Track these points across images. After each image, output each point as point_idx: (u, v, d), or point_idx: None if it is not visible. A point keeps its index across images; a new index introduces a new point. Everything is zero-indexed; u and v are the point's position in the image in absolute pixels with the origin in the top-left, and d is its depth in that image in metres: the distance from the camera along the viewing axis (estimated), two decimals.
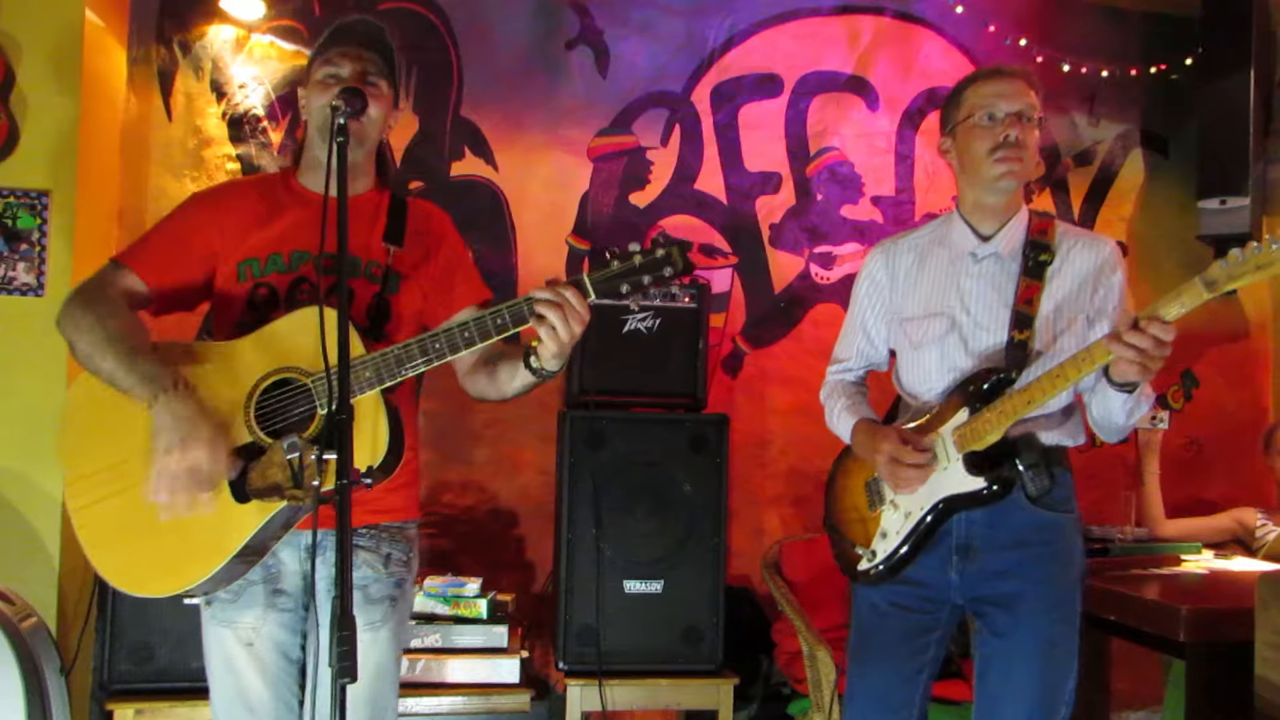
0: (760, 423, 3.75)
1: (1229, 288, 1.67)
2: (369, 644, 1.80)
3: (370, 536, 1.84)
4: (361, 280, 1.83)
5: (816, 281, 3.84)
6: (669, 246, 1.64)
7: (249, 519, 1.65)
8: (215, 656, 1.82)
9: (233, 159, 3.43)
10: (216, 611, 1.81)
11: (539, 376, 1.75)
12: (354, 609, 1.75)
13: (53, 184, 2.91)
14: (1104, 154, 4.13)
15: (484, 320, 1.66)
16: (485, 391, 1.88)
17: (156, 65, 3.38)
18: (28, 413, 2.85)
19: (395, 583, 1.86)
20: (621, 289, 1.64)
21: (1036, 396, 1.86)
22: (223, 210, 1.88)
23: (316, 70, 1.86)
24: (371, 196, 1.93)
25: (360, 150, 1.86)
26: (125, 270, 1.81)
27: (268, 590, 1.79)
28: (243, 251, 1.83)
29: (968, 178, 2.07)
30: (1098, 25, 4.08)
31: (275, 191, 1.91)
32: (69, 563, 2.89)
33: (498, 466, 3.51)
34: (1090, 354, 1.80)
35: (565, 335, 1.63)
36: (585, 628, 2.95)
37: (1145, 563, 3.07)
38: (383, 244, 1.85)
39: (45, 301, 2.90)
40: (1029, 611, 1.97)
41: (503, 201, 3.59)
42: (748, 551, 3.63)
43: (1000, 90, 2.01)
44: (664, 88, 3.74)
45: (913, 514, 2.02)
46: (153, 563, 1.68)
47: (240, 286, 1.82)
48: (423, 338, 1.67)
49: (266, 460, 1.64)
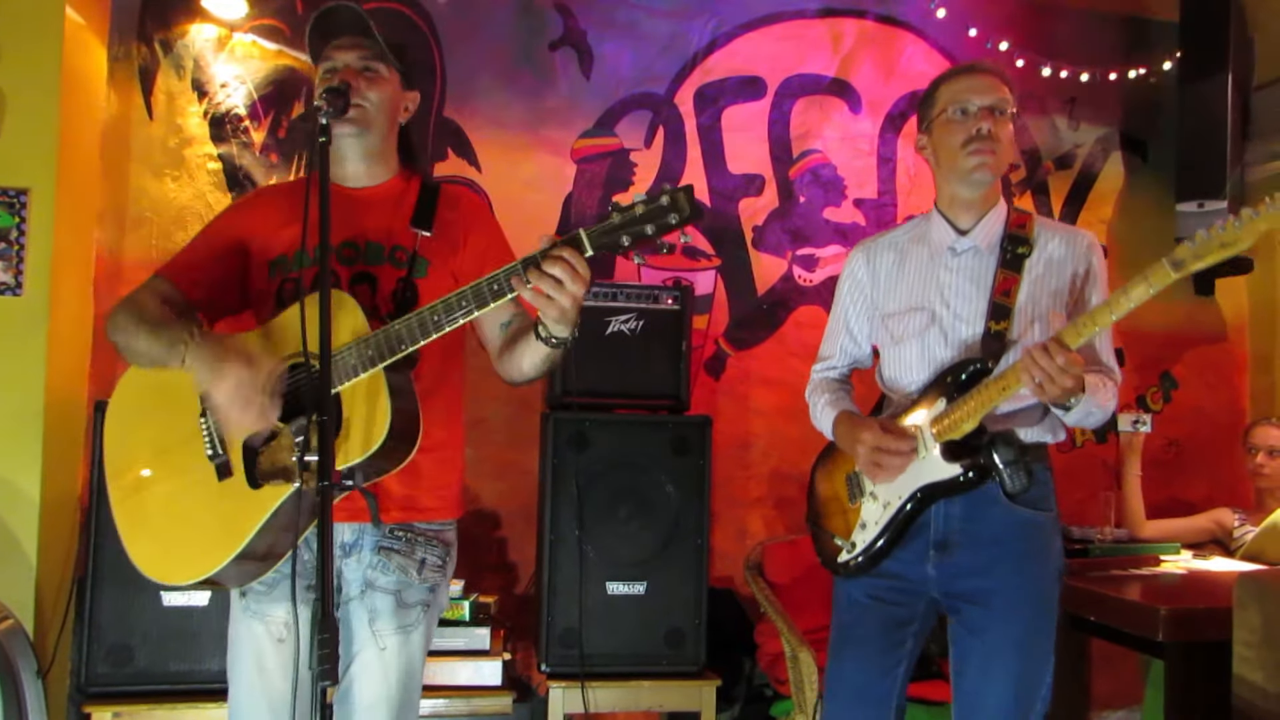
0: (743, 424, 3.76)
1: (1196, 268, 1.70)
2: (398, 647, 1.79)
3: (406, 539, 1.81)
4: (386, 266, 1.82)
5: (799, 283, 3.85)
6: (673, 191, 1.55)
7: (263, 503, 1.66)
8: (245, 652, 1.80)
9: (214, 158, 3.41)
10: (250, 603, 1.80)
11: (550, 345, 1.67)
12: (387, 613, 1.78)
13: (32, 182, 2.88)
14: (1084, 157, 4.17)
15: (479, 286, 1.60)
16: (512, 373, 1.83)
17: (138, 63, 3.36)
18: (5, 413, 2.83)
19: (429, 588, 1.84)
20: (622, 241, 1.54)
21: (1011, 383, 1.88)
22: (253, 214, 1.91)
23: (320, 70, 1.87)
24: (395, 184, 1.92)
25: (371, 137, 1.85)
26: (163, 281, 1.84)
27: (301, 585, 1.76)
28: (272, 250, 1.85)
29: (943, 172, 2.10)
30: (1078, 29, 4.11)
31: (300, 191, 1.90)
32: (47, 564, 2.86)
33: (480, 468, 3.50)
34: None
35: (564, 299, 1.56)
36: (568, 630, 2.95)
37: (1125, 563, 3.09)
38: (410, 229, 1.83)
39: (23, 301, 2.87)
40: (1005, 608, 1.98)
41: (486, 203, 3.58)
42: (730, 553, 3.64)
43: (973, 85, 2.04)
44: (647, 89, 3.75)
45: (891, 504, 2.04)
46: (177, 552, 1.71)
47: (271, 283, 1.84)
48: (421, 311, 1.63)
49: (276, 443, 1.65)
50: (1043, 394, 1.81)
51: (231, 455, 1.70)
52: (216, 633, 2.56)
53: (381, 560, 1.79)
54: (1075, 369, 1.79)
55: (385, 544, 1.80)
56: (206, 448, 1.71)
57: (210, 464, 1.70)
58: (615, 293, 3.13)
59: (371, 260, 1.82)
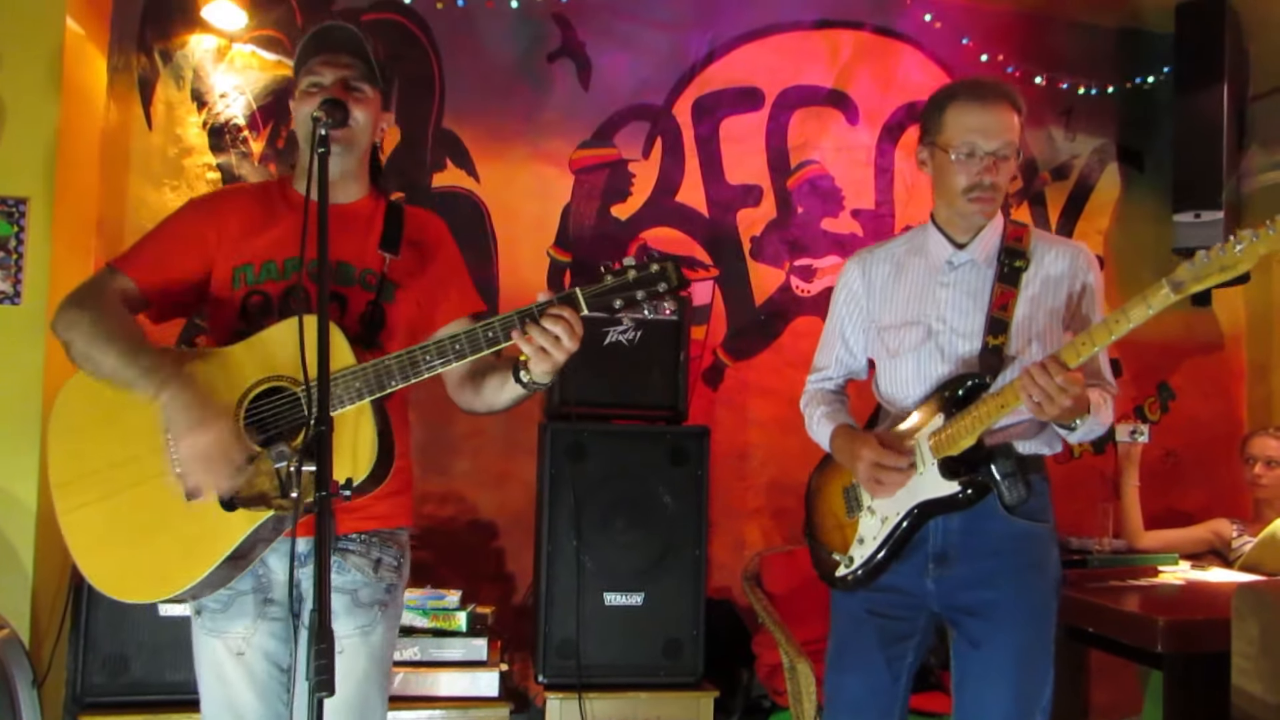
0: (741, 435, 3.76)
1: (1195, 289, 1.69)
2: (357, 648, 1.78)
3: (361, 541, 1.82)
4: (356, 288, 1.82)
5: (797, 294, 3.85)
6: (664, 262, 1.64)
7: (236, 527, 1.64)
8: (205, 667, 1.80)
9: (213, 168, 3.41)
10: (206, 621, 1.79)
11: (529, 389, 1.74)
12: (343, 613, 1.76)
13: (31, 191, 2.89)
14: (1080, 168, 4.18)
15: (475, 333, 1.65)
16: (473, 404, 1.87)
17: (137, 73, 3.37)
18: (3, 421, 2.82)
19: (385, 588, 1.84)
20: (615, 304, 1.64)
21: (1010, 400, 1.87)
22: (218, 215, 1.86)
23: (301, 80, 1.85)
24: (366, 204, 1.91)
25: (350, 157, 1.85)
26: (119, 274, 1.80)
27: (258, 600, 1.77)
28: (237, 257, 1.82)
29: (942, 197, 2.10)
30: (1073, 41, 4.13)
31: (272, 198, 1.90)
32: (43, 573, 2.86)
33: (478, 478, 3.49)
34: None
35: (556, 351, 1.63)
36: (565, 640, 2.94)
37: (1123, 574, 3.09)
38: (378, 252, 1.84)
39: (22, 310, 2.87)
40: (1004, 620, 1.98)
41: (484, 213, 3.59)
42: (728, 564, 3.64)
43: (984, 124, 1.99)
44: (646, 100, 3.76)
45: (889, 519, 2.03)
46: (140, 569, 1.68)
47: (235, 293, 1.81)
48: (413, 350, 1.66)
49: (254, 469, 1.64)
50: (1041, 413, 1.81)
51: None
52: None
53: (337, 561, 1.78)
54: (1075, 388, 1.78)
55: (341, 546, 1.80)
56: (175, 466, 1.66)
57: (176, 482, 1.66)
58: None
59: (341, 280, 1.81)
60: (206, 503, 1.64)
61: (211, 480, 1.62)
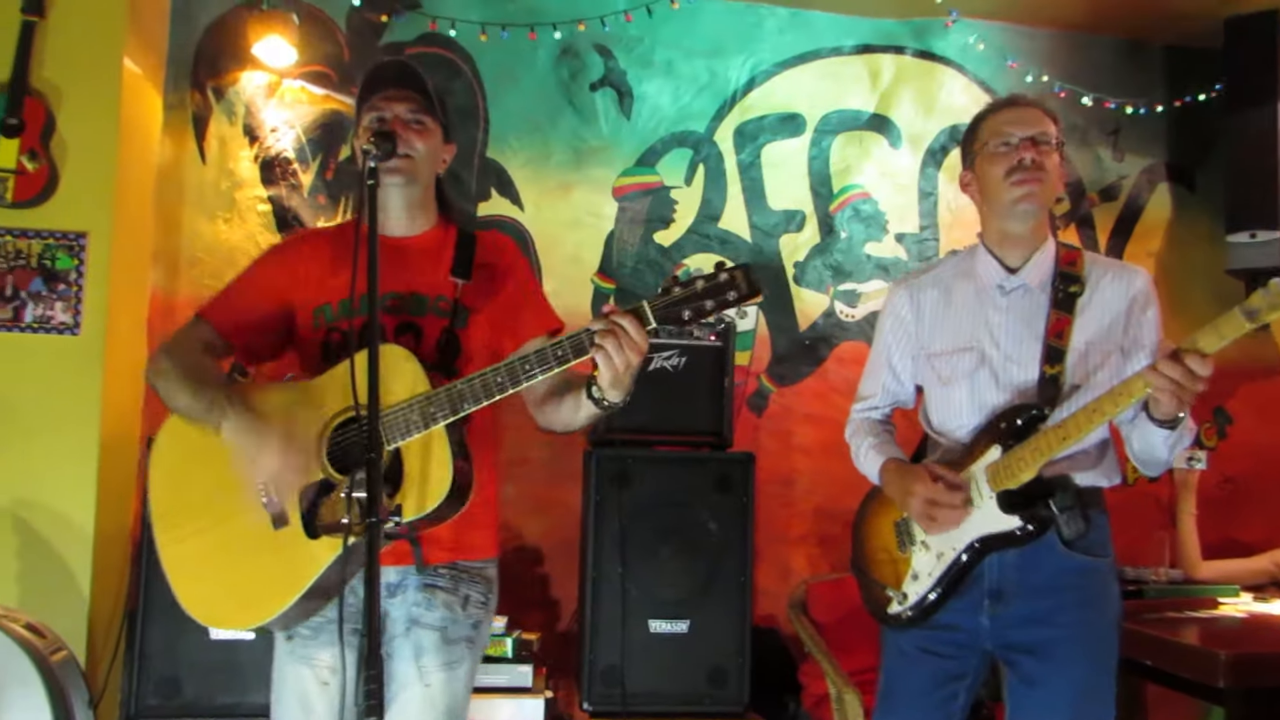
0: (786, 461, 3.73)
1: (1271, 317, 1.62)
2: (444, 684, 1.80)
3: (450, 577, 1.83)
4: (430, 316, 1.84)
5: (841, 319, 3.83)
6: (733, 270, 1.60)
7: (320, 554, 1.68)
8: (289, 692, 1.82)
9: (264, 200, 3.49)
10: (296, 647, 1.81)
11: (601, 407, 1.73)
12: (431, 649, 1.79)
13: (90, 226, 2.97)
14: (1129, 189, 4.12)
15: (545, 352, 1.65)
16: (553, 423, 1.87)
17: (191, 110, 3.46)
18: (62, 449, 2.90)
19: (473, 624, 1.85)
20: (683, 314, 1.61)
21: (1072, 433, 1.83)
22: (294, 259, 1.93)
23: (363, 117, 1.89)
24: (436, 233, 1.94)
25: (415, 188, 1.88)
26: (204, 323, 1.88)
27: (347, 629, 1.78)
28: (317, 298, 1.87)
29: (989, 206, 2.06)
30: (1120, 59, 4.09)
31: (347, 238, 1.93)
32: (99, 596, 2.92)
33: (524, 504, 3.51)
34: (1128, 388, 1.77)
35: (620, 363, 1.60)
36: (610, 668, 2.93)
37: (1181, 605, 3.01)
38: (450, 279, 1.86)
39: (81, 340, 2.95)
40: (1063, 659, 1.92)
41: (529, 241, 3.62)
42: (774, 591, 3.60)
43: (1014, 118, 2.01)
44: (687, 127, 3.79)
45: (945, 555, 1.98)
46: (231, 598, 1.73)
47: (316, 333, 1.86)
48: (484, 372, 1.67)
49: (335, 496, 1.67)
50: (1179, 405, 1.73)
51: (287, 505, 1.71)
52: (262, 666, 2.55)
53: (427, 598, 1.80)
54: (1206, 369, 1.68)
55: (430, 581, 1.81)
56: (261, 496, 1.72)
57: (265, 512, 1.72)
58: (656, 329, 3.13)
59: (415, 311, 1.84)
60: (294, 532, 1.69)
61: (285, 493, 1.67)
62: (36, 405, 2.90)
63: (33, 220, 2.94)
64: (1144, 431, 1.87)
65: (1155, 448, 1.89)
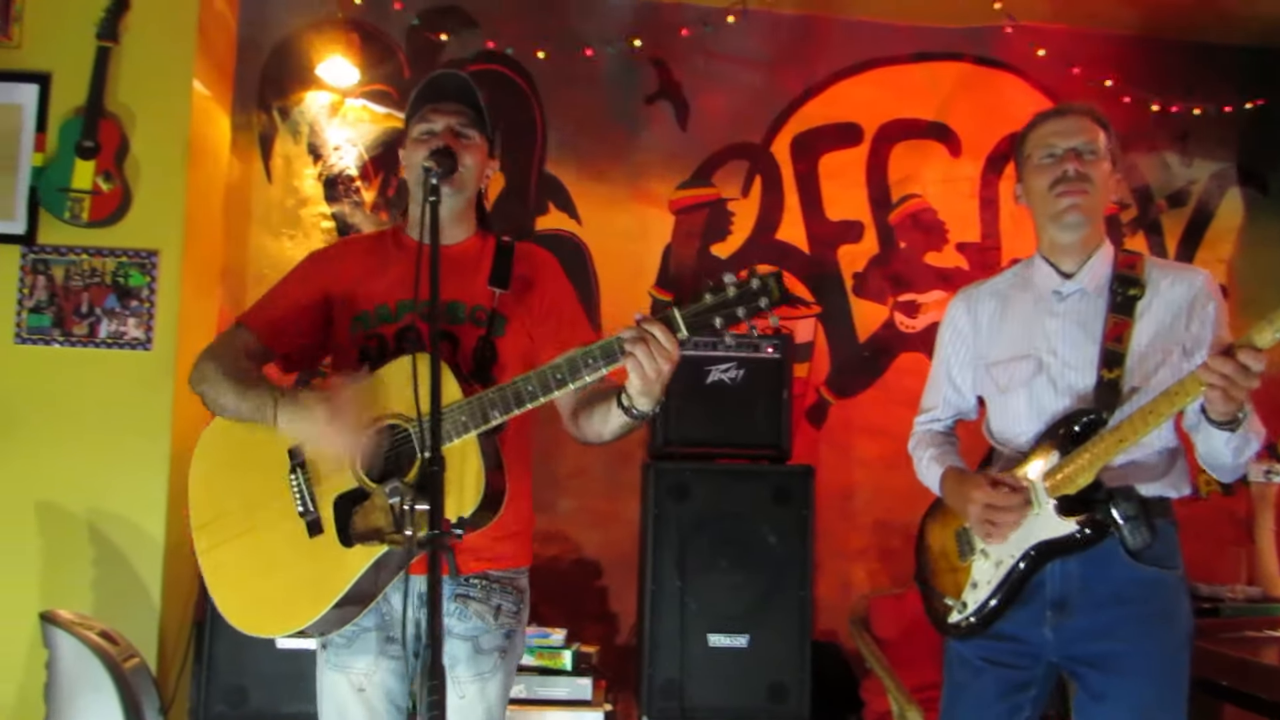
0: (846, 474, 3.69)
1: None
2: (477, 694, 1.81)
3: (481, 587, 1.84)
4: (467, 325, 1.86)
5: (901, 330, 3.79)
6: (764, 277, 1.58)
7: (355, 562, 1.69)
8: (328, 700, 1.85)
9: (327, 217, 3.56)
10: (331, 655, 1.84)
11: (631, 416, 1.71)
12: (464, 660, 1.79)
13: (162, 244, 3.06)
14: (1199, 194, 4.01)
15: (575, 359, 1.64)
16: (585, 433, 1.87)
17: (257, 130, 3.55)
18: (135, 461, 2.98)
19: (505, 634, 1.86)
20: (714, 322, 1.57)
21: (1129, 435, 1.80)
22: (334, 266, 1.95)
23: (412, 128, 1.91)
24: (474, 242, 1.96)
25: (459, 199, 1.89)
26: (245, 329, 1.91)
27: (380, 637, 1.81)
28: (355, 305, 1.89)
29: (1039, 218, 2.06)
30: (1187, 62, 3.98)
31: (385, 245, 1.97)
32: (170, 605, 2.99)
33: (582, 517, 3.52)
34: (1183, 387, 1.75)
35: (650, 371, 1.58)
36: (669, 681, 2.91)
37: (1260, 624, 2.91)
38: (488, 288, 1.87)
39: (153, 355, 3.03)
40: (1130, 674, 1.88)
41: (586, 255, 3.64)
42: (834, 606, 3.55)
43: (1058, 128, 2.01)
44: (744, 139, 3.78)
45: (1003, 562, 1.96)
46: (267, 604, 1.75)
47: (353, 338, 1.88)
48: (515, 380, 1.67)
49: (370, 504, 1.69)
50: (1229, 401, 1.70)
51: (323, 512, 1.73)
52: None
53: (459, 608, 1.81)
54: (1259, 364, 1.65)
55: (462, 591, 1.81)
56: (297, 504, 1.73)
57: (300, 520, 1.73)
58: (715, 341, 3.13)
59: (452, 319, 1.85)
60: (328, 541, 1.70)
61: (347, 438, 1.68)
62: (110, 418, 2.99)
63: (107, 239, 3.04)
64: (1206, 435, 1.85)
65: (1218, 451, 1.86)
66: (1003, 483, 1.94)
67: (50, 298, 3.01)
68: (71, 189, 2.97)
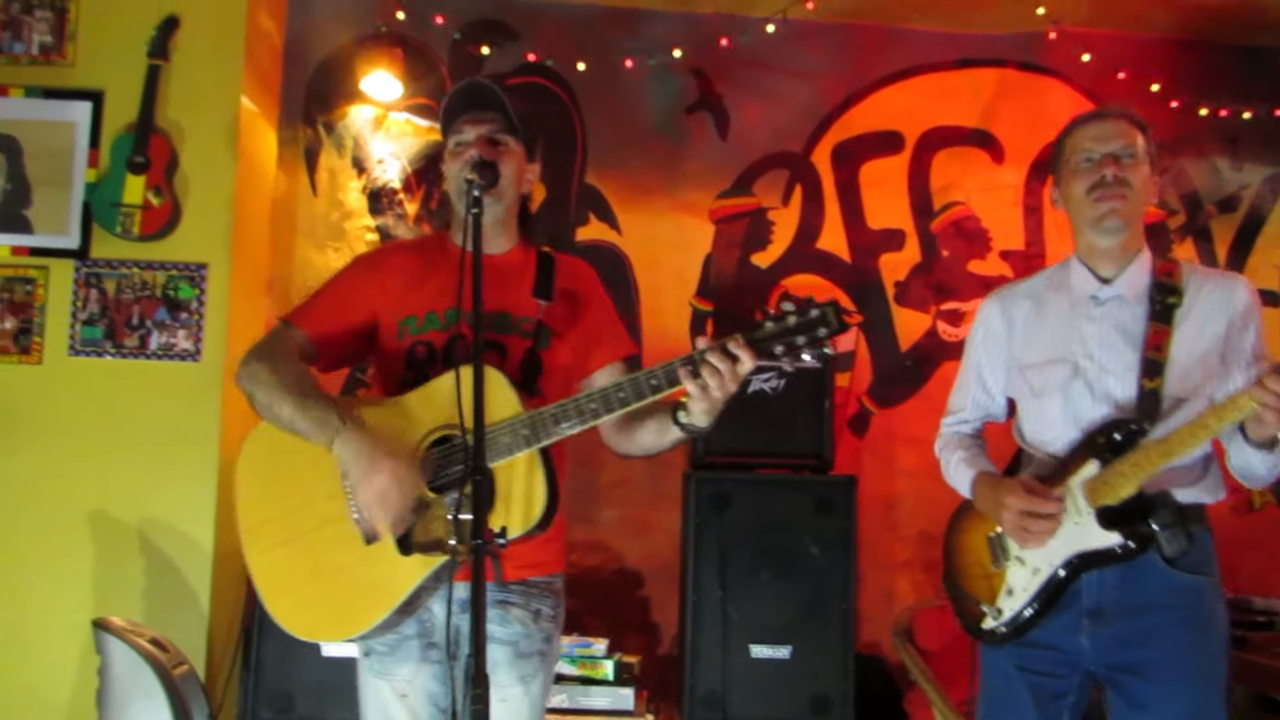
0: (889, 484, 3.66)
1: None
2: (519, 698, 1.83)
3: (522, 593, 1.86)
4: (514, 336, 1.87)
5: (944, 339, 3.75)
6: (823, 306, 1.60)
7: (413, 571, 1.70)
8: (371, 707, 1.87)
9: (371, 230, 3.61)
10: (374, 663, 1.85)
11: (689, 433, 1.74)
12: (505, 664, 1.80)
13: (211, 257, 3.12)
14: (1250, 199, 3.93)
15: (639, 381, 1.66)
16: (629, 448, 1.88)
17: (303, 144, 3.61)
18: (185, 470, 3.03)
19: (545, 638, 1.87)
20: (775, 350, 1.61)
21: (1176, 449, 1.79)
22: (383, 270, 1.96)
23: (449, 141, 1.93)
24: (517, 253, 1.97)
25: (498, 207, 1.89)
26: (293, 328, 1.91)
27: (422, 644, 1.82)
28: (402, 310, 1.90)
29: (1077, 222, 2.05)
30: (1235, 66, 3.90)
31: (431, 252, 1.98)
32: (218, 613, 3.04)
33: (623, 527, 3.52)
34: (1235, 403, 1.74)
35: (721, 396, 1.62)
36: (710, 692, 2.90)
37: None
38: (533, 299, 1.88)
39: (202, 366, 3.09)
40: (1168, 681, 1.86)
41: (627, 265, 3.66)
42: (878, 618, 3.52)
43: (1096, 133, 2.00)
44: (784, 148, 3.77)
45: (1041, 570, 1.93)
46: (323, 610, 1.76)
47: (400, 344, 1.89)
48: (578, 398, 1.68)
49: (430, 514, 1.70)
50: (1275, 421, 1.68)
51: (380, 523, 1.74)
52: None
53: (500, 614, 1.82)
54: None
55: (502, 597, 1.83)
56: (353, 511, 1.73)
57: (356, 526, 1.74)
58: None
59: (499, 329, 1.86)
60: (385, 548, 1.71)
61: (388, 519, 1.67)
62: (161, 428, 3.05)
63: (157, 252, 3.10)
64: (1240, 449, 1.85)
65: (1252, 466, 1.86)
66: (1037, 489, 1.92)
67: (103, 310, 3.08)
68: (123, 204, 3.04)
